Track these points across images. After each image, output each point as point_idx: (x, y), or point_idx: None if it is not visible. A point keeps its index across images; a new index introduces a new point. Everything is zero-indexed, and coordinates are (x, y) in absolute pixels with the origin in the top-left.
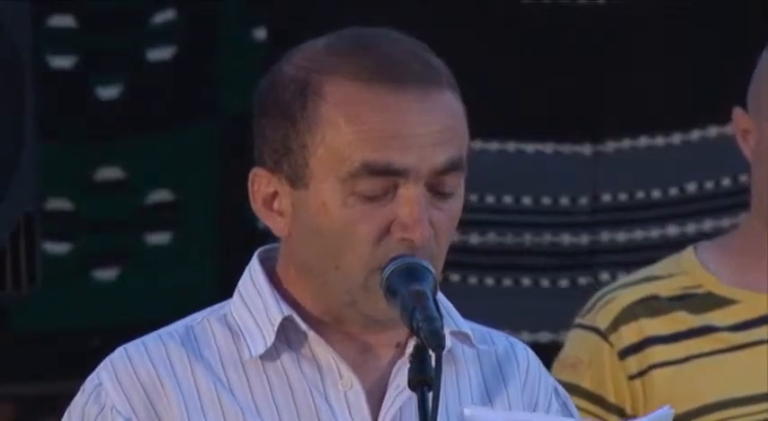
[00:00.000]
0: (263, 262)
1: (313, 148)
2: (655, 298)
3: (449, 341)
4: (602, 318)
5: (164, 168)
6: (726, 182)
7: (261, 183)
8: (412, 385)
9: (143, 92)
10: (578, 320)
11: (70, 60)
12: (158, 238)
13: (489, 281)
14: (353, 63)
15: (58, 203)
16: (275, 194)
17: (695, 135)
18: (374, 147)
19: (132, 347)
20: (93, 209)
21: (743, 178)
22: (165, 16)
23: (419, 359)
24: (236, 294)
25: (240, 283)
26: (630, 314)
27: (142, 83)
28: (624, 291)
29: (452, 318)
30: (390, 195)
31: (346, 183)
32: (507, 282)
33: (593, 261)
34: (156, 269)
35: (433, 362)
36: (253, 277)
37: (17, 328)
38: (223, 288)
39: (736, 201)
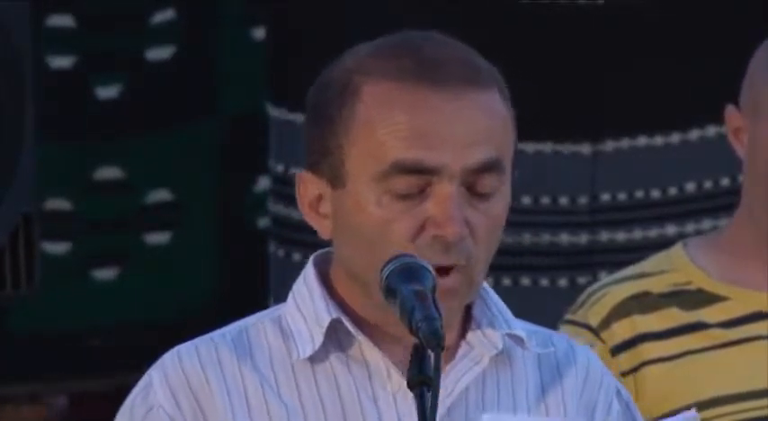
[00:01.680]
0: (318, 265)
1: (348, 148)
2: (646, 294)
3: (500, 343)
4: (594, 315)
5: (163, 168)
6: (725, 181)
7: (306, 187)
8: (411, 385)
9: (143, 92)
10: (568, 316)
11: (70, 60)
12: (158, 238)
13: (488, 281)
14: (391, 64)
15: (58, 203)
16: (320, 197)
17: (694, 135)
18: (406, 146)
19: (184, 348)
20: (93, 209)
21: (741, 178)
22: (164, 16)
23: (419, 359)
24: (290, 297)
25: (294, 286)
26: (623, 310)
27: (142, 83)
28: (615, 288)
29: (506, 320)
30: (425, 194)
31: (380, 183)
32: (506, 281)
33: (593, 261)
34: (155, 269)
35: (432, 363)
36: (306, 280)
37: (16, 328)
38: (222, 288)
39: (735, 200)
